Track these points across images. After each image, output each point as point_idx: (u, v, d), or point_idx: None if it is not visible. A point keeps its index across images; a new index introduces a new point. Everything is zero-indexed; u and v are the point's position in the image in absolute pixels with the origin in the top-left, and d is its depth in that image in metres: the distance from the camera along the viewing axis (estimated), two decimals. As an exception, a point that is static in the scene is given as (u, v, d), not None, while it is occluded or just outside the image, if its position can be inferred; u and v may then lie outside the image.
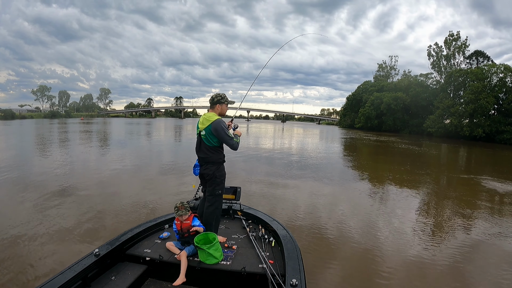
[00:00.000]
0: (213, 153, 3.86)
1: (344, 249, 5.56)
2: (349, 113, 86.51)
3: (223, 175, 3.96)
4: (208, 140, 3.81)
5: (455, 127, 48.97)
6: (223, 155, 3.97)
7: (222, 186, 3.95)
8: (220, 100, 3.93)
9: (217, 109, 3.94)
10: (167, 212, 4.87)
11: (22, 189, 8.90)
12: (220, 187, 3.92)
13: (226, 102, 3.97)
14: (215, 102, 3.93)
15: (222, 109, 3.95)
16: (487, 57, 57.63)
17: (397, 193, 9.99)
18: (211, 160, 3.87)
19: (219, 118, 3.82)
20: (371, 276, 4.63)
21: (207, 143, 3.83)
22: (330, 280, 4.52)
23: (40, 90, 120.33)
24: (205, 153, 3.87)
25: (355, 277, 4.63)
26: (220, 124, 3.76)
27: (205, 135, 3.81)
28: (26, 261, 4.66)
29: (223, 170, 3.96)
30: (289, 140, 34.28)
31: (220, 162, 3.93)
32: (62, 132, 33.96)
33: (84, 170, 12.04)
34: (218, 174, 3.89)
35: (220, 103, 3.93)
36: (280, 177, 11.76)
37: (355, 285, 4.44)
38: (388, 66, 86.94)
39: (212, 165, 3.88)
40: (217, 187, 3.90)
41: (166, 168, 13.13)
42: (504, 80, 47.38)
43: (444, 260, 5.21)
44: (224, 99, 3.95)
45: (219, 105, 3.94)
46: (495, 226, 7.00)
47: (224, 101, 3.95)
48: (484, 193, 10.41)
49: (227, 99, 3.99)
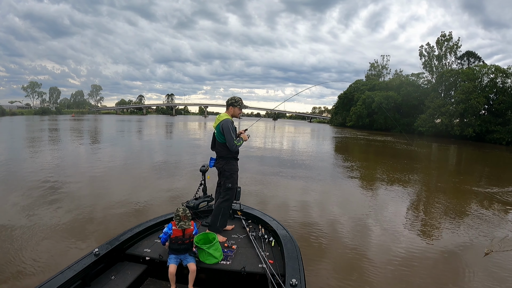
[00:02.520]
0: (223, 149, 4.22)
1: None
2: (340, 112, 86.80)
3: (232, 169, 4.27)
4: (219, 137, 4.19)
5: (446, 126, 49.48)
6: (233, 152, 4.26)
7: (232, 180, 4.26)
8: (233, 103, 4.31)
9: (230, 111, 4.32)
10: (165, 211, 4.85)
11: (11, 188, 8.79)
12: (230, 181, 4.24)
13: (238, 105, 4.33)
14: (229, 104, 4.34)
15: (234, 111, 4.33)
16: (478, 57, 58.27)
17: (401, 193, 10.08)
18: (221, 155, 4.26)
19: (228, 118, 4.21)
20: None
21: (218, 140, 4.22)
22: (330, 280, 4.55)
23: (30, 86, 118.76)
24: (217, 148, 4.29)
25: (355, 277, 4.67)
26: (227, 124, 4.12)
27: (217, 132, 4.21)
28: (22, 259, 4.62)
29: (232, 165, 4.28)
30: (281, 139, 34.29)
31: (230, 158, 4.26)
32: (53, 130, 33.59)
33: (80, 169, 11.94)
34: (227, 168, 4.24)
35: (233, 105, 4.31)
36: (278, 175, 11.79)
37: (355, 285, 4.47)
38: (380, 65, 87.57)
39: (223, 159, 4.27)
40: (227, 180, 4.24)
41: (166, 168, 13.07)
42: (495, 81, 47.90)
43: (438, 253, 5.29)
44: (238, 103, 4.32)
45: (232, 108, 4.32)
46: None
47: (237, 105, 4.32)
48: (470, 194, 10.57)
49: (241, 103, 4.35)
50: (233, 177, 4.26)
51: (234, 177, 4.27)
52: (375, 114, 66.82)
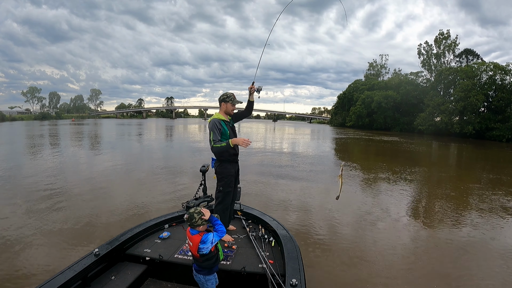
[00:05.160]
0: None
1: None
2: (340, 112, 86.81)
3: (224, 172, 4.08)
4: (209, 138, 3.98)
5: (446, 124, 49.53)
6: (226, 153, 4.03)
7: (224, 183, 4.07)
8: (225, 99, 4.07)
9: (223, 107, 4.10)
10: (164, 211, 4.85)
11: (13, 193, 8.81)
12: (221, 184, 4.09)
13: (230, 101, 4.07)
14: (220, 100, 4.11)
15: (227, 107, 4.09)
16: (476, 55, 58.46)
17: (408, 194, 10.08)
18: (215, 156, 4.08)
19: (216, 118, 4.00)
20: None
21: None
22: (331, 280, 4.55)
23: (30, 91, 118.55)
24: (212, 149, 4.03)
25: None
26: (212, 124, 3.96)
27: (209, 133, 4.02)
28: (22, 261, 4.63)
29: (224, 168, 4.08)
30: (281, 142, 34.29)
31: (223, 160, 4.06)
32: (53, 136, 33.60)
33: (83, 174, 11.95)
34: (219, 171, 4.08)
35: (225, 101, 4.07)
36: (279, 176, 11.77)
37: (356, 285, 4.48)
38: (378, 64, 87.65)
39: (216, 161, 4.11)
40: (218, 183, 4.11)
41: (166, 168, 13.08)
42: (494, 78, 48.01)
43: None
44: (229, 98, 4.06)
45: (224, 104, 4.08)
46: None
47: (229, 100, 4.06)
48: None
49: (232, 98, 4.09)
50: (224, 180, 4.08)
51: (225, 180, 4.08)
52: (375, 114, 66.86)
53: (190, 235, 2.85)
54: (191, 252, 2.97)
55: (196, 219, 2.82)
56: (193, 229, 2.86)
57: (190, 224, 2.86)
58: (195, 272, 2.96)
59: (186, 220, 2.86)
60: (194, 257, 2.89)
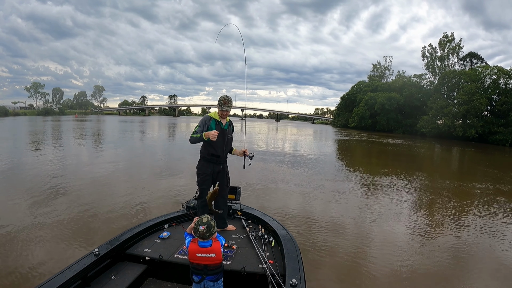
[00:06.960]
0: None
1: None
2: (343, 113, 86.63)
3: (200, 169, 4.27)
4: None
5: (448, 127, 49.33)
6: (203, 150, 4.27)
7: (199, 179, 4.27)
8: (218, 102, 4.24)
9: (218, 110, 4.28)
10: (164, 211, 4.85)
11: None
12: (197, 180, 4.29)
13: (219, 105, 4.21)
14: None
15: (219, 110, 4.25)
16: (480, 58, 58.20)
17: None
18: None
19: (208, 115, 4.26)
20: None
21: None
22: (331, 280, 4.55)
23: (33, 87, 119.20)
24: None
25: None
26: (202, 118, 4.26)
27: None
28: (22, 260, 4.64)
29: (201, 165, 4.28)
30: (284, 142, 34.26)
31: (201, 157, 4.30)
32: (56, 131, 33.68)
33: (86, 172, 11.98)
34: (197, 166, 4.32)
35: (218, 104, 4.25)
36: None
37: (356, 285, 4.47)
38: (382, 66, 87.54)
39: None
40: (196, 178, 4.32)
41: (167, 168, 13.09)
42: (497, 82, 47.82)
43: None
44: (219, 102, 4.21)
45: (218, 106, 4.26)
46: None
47: (218, 104, 4.23)
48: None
49: (221, 103, 4.17)
50: (200, 176, 4.24)
51: (200, 177, 4.23)
52: (378, 115, 66.71)
53: (207, 247, 2.63)
54: (209, 265, 2.66)
55: (213, 227, 2.63)
56: (206, 240, 2.62)
57: (209, 234, 2.61)
58: (210, 283, 2.69)
59: (204, 231, 2.57)
60: (214, 265, 2.68)
